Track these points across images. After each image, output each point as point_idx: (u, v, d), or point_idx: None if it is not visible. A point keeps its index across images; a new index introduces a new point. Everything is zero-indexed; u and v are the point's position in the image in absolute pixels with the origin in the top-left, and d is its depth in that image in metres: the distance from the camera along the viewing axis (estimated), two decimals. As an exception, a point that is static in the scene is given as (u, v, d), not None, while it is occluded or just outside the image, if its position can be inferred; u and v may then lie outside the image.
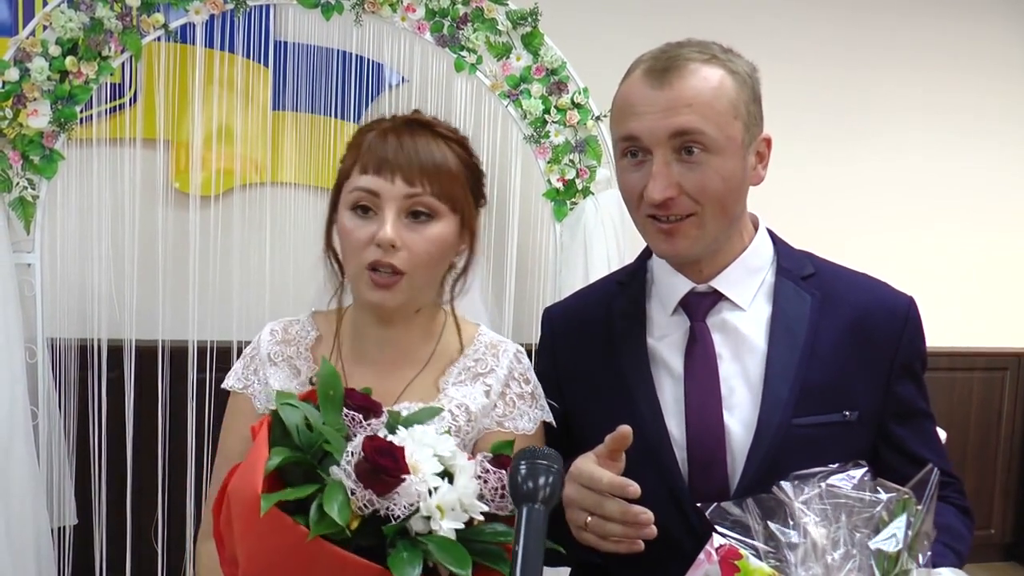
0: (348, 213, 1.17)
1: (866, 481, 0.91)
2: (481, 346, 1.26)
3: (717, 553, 0.90)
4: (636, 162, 1.14)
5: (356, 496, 0.90)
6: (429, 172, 1.15)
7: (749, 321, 1.19)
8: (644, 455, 1.15)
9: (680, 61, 1.11)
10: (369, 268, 1.15)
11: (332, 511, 0.87)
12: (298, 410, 0.97)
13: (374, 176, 1.14)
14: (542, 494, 0.83)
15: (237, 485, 0.96)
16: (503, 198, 2.91)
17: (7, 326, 2.45)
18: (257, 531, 0.93)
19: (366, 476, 0.89)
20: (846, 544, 0.87)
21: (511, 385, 1.24)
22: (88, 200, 2.72)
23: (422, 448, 0.96)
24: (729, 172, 1.12)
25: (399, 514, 0.90)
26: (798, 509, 0.89)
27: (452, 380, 1.22)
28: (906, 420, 1.20)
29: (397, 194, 1.14)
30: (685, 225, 1.13)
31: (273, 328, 1.31)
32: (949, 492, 1.22)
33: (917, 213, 3.81)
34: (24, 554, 2.47)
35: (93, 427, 2.72)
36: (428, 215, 1.16)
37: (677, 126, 1.09)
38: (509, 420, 1.22)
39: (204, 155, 2.86)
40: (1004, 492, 3.94)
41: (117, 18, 2.53)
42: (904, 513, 0.88)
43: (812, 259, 1.25)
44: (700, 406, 1.16)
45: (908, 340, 1.19)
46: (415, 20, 2.71)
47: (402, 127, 1.19)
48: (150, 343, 2.78)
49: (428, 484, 0.92)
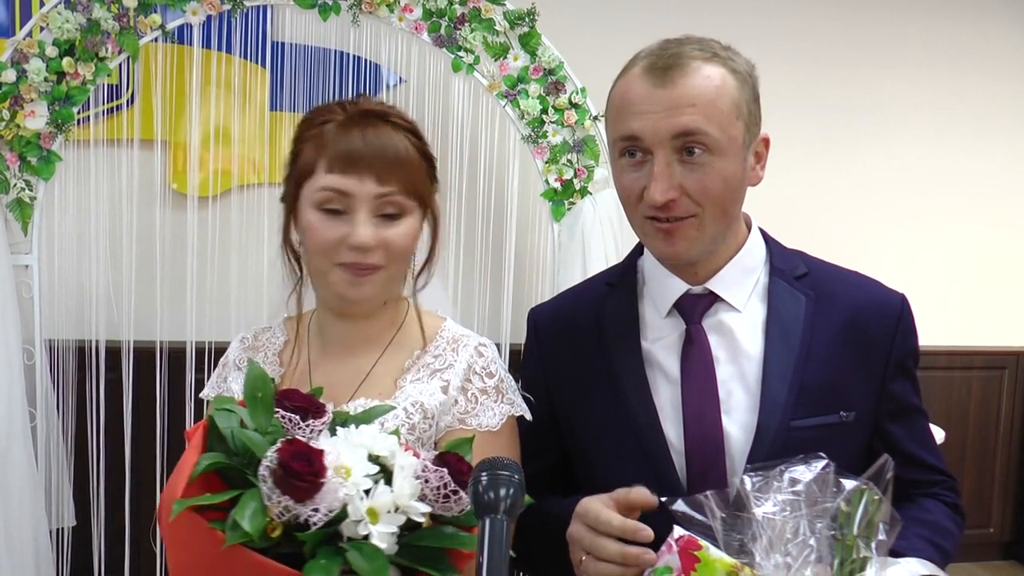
0: (314, 212, 1.14)
1: (826, 473, 0.92)
2: (443, 341, 1.23)
3: (677, 544, 0.91)
4: (635, 162, 1.11)
5: (272, 502, 0.86)
6: (396, 170, 1.14)
7: (744, 322, 1.17)
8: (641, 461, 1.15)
9: (683, 59, 1.08)
10: (341, 267, 1.14)
11: (243, 519, 0.84)
12: (234, 415, 0.95)
13: (342, 176, 1.12)
14: (503, 505, 0.82)
15: (165, 492, 0.93)
16: (501, 198, 2.92)
17: (5, 328, 2.45)
18: (179, 537, 0.91)
19: (281, 481, 0.85)
20: (805, 534, 0.88)
21: (472, 380, 1.20)
22: (86, 201, 2.73)
23: (355, 449, 0.92)
24: (730, 173, 1.10)
25: (317, 520, 0.86)
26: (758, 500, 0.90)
27: (410, 377, 1.19)
28: (900, 418, 1.19)
29: (368, 194, 1.12)
30: (684, 226, 1.10)
31: (244, 336, 1.32)
32: (940, 489, 1.21)
33: (916, 212, 3.81)
34: (23, 556, 2.47)
35: (91, 428, 2.72)
36: (398, 213, 1.15)
37: (681, 127, 1.06)
38: (471, 417, 1.18)
39: (202, 156, 2.86)
40: (1003, 491, 3.94)
41: (114, 19, 2.53)
42: (862, 503, 0.89)
43: (804, 258, 1.24)
44: (698, 410, 1.14)
45: (902, 338, 1.18)
46: (412, 20, 2.71)
47: (360, 119, 1.16)
48: (148, 344, 2.78)
49: (358, 487, 0.88)
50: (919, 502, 1.19)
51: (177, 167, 2.96)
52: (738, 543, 0.91)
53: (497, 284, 2.92)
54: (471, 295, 2.96)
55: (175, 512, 0.85)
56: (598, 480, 1.20)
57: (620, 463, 1.17)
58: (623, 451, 1.17)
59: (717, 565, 0.89)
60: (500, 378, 1.22)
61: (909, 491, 1.18)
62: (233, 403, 0.97)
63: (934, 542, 1.11)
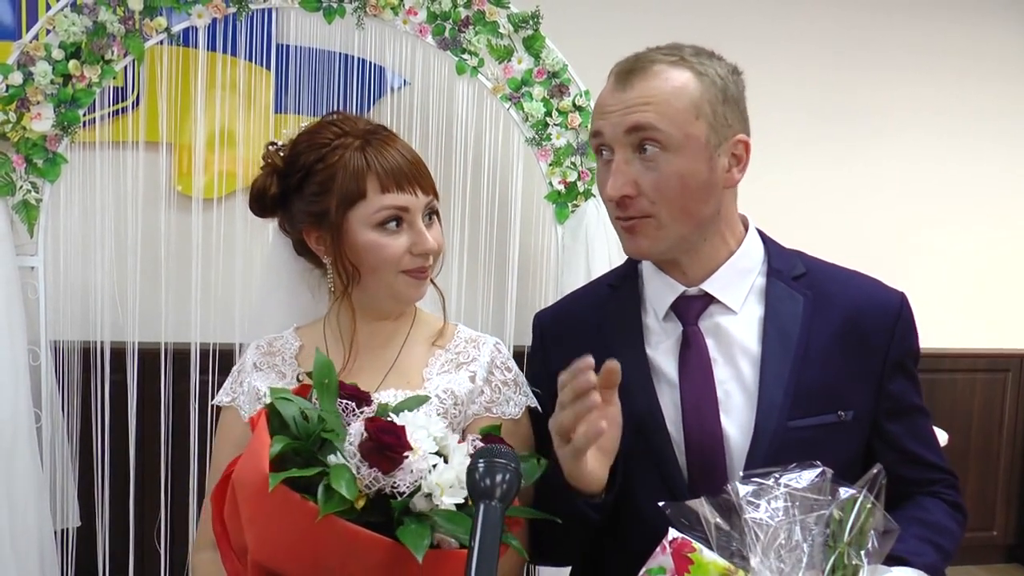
0: (372, 231, 1.21)
1: (820, 480, 0.93)
2: (461, 341, 1.31)
3: (671, 546, 0.92)
4: (604, 161, 1.16)
5: (362, 474, 0.94)
6: (429, 177, 1.26)
7: (741, 324, 1.18)
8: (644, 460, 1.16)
9: (645, 63, 1.13)
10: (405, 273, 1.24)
11: (340, 488, 0.91)
12: (293, 403, 1.01)
13: (400, 193, 1.21)
14: (499, 491, 0.86)
15: (242, 472, 0.99)
16: (505, 200, 2.92)
17: (10, 329, 2.46)
18: (266, 512, 0.96)
19: (371, 454, 0.94)
20: (798, 540, 0.89)
21: (494, 372, 1.28)
22: (91, 203, 2.73)
23: (418, 429, 1.00)
24: (688, 172, 1.11)
25: (403, 490, 0.94)
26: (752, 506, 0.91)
27: (436, 371, 1.27)
28: (900, 417, 1.19)
29: (421, 205, 1.23)
30: (643, 224, 1.14)
31: (258, 343, 1.37)
32: (940, 488, 1.22)
33: (919, 214, 3.81)
34: (28, 556, 2.48)
35: (96, 429, 2.73)
36: (434, 215, 1.28)
37: (632, 122, 1.11)
38: (496, 406, 1.25)
39: (206, 158, 2.87)
40: (1006, 494, 3.94)
41: (120, 22, 2.54)
42: (854, 510, 0.90)
43: (803, 258, 1.25)
44: (697, 411, 1.15)
45: (900, 337, 1.18)
46: (417, 23, 2.72)
47: (374, 137, 1.25)
48: (153, 345, 2.79)
49: (428, 462, 0.96)
50: (919, 501, 1.19)
51: (182, 169, 2.97)
52: (733, 547, 0.92)
53: (501, 286, 2.93)
54: (475, 297, 2.96)
55: (273, 484, 0.91)
56: None
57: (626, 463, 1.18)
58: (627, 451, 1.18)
59: (711, 568, 0.90)
60: (516, 372, 1.30)
61: (910, 489, 1.19)
62: (289, 393, 1.04)
63: (934, 542, 1.12)
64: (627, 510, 1.15)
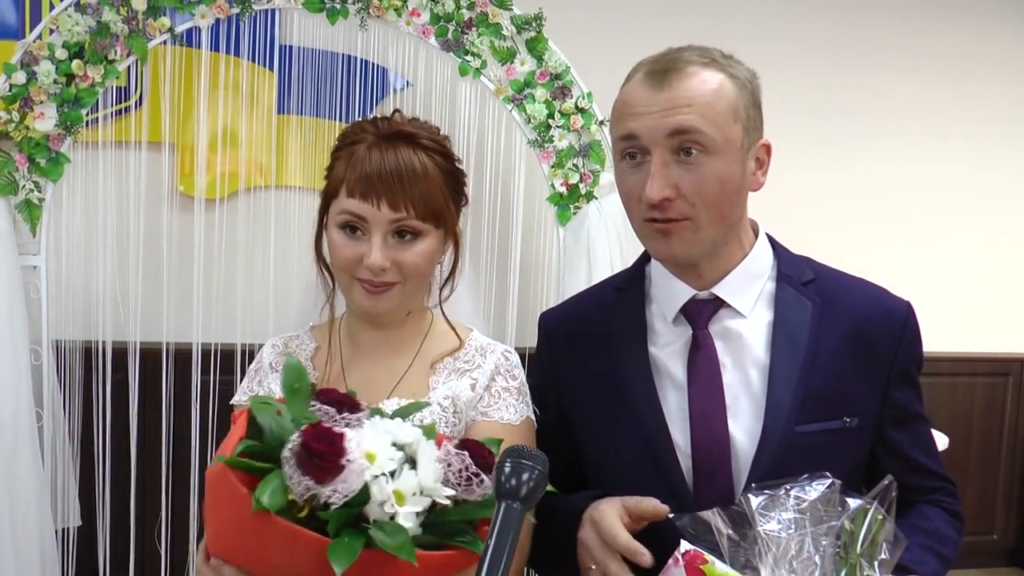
0: (337, 231, 1.22)
1: (830, 492, 0.93)
2: (471, 349, 1.30)
3: (683, 558, 0.92)
4: (635, 163, 1.14)
5: (293, 482, 0.89)
6: (413, 196, 1.19)
7: (751, 328, 1.18)
8: (648, 463, 1.16)
9: (680, 63, 1.12)
10: (359, 282, 1.22)
11: (264, 495, 0.87)
12: (271, 407, 0.99)
13: (360, 201, 1.18)
14: (523, 491, 0.85)
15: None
16: (507, 202, 2.92)
17: (12, 328, 2.46)
18: (215, 494, 0.96)
19: (302, 462, 0.89)
20: (810, 551, 0.90)
21: (496, 379, 1.27)
22: (93, 203, 2.74)
23: (380, 436, 0.96)
24: (727, 175, 1.11)
25: (335, 501, 0.89)
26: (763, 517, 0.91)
27: (443, 379, 1.26)
28: (903, 424, 1.20)
29: (383, 219, 1.18)
30: (680, 227, 1.12)
31: (274, 342, 1.37)
32: (941, 496, 1.23)
33: (920, 217, 3.81)
34: (28, 555, 2.48)
35: (97, 429, 2.73)
36: (413, 235, 1.21)
37: (676, 124, 1.09)
38: (494, 410, 1.25)
39: (209, 158, 2.87)
40: (1007, 497, 3.94)
41: (123, 22, 2.54)
42: (865, 522, 0.91)
43: (811, 264, 1.25)
44: (705, 415, 1.15)
45: (907, 346, 1.19)
46: (420, 24, 2.72)
47: (388, 140, 1.21)
48: (154, 345, 2.79)
49: (383, 469, 0.92)
50: (920, 509, 1.20)
51: (185, 169, 2.97)
52: (744, 559, 0.92)
53: (503, 288, 2.93)
54: (476, 299, 2.96)
55: (214, 463, 0.90)
56: (607, 483, 1.21)
57: (628, 466, 1.18)
58: (631, 455, 1.18)
59: None
60: (522, 382, 1.29)
61: (910, 497, 1.19)
62: (271, 399, 1.02)
63: (935, 551, 1.13)
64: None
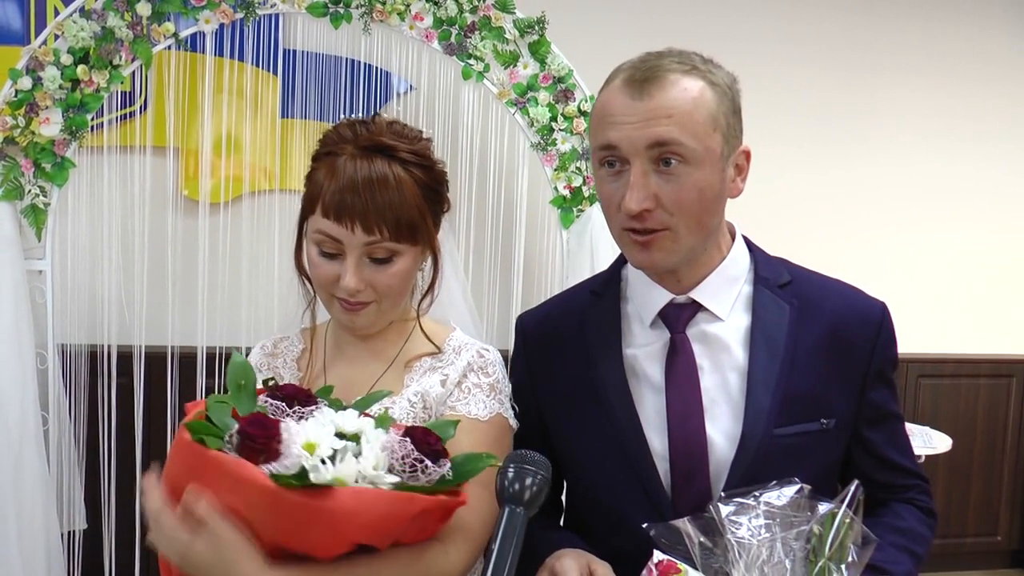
0: (313, 248, 1.20)
1: (799, 497, 0.94)
2: (449, 349, 1.28)
3: (657, 568, 0.93)
4: (614, 172, 1.12)
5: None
6: (386, 216, 1.16)
7: (728, 331, 1.18)
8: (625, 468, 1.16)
9: (660, 72, 1.10)
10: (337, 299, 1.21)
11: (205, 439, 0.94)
12: (227, 406, 1.01)
13: (335, 223, 1.15)
14: (526, 495, 0.86)
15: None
16: (510, 205, 2.93)
17: (18, 332, 2.48)
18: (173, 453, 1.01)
19: (239, 447, 0.93)
20: (780, 556, 0.91)
21: (468, 376, 1.25)
22: (99, 207, 2.75)
23: (323, 426, 0.98)
24: (706, 184, 1.10)
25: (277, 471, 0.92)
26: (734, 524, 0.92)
27: (416, 377, 1.26)
28: (878, 424, 1.21)
29: (357, 243, 1.16)
30: (659, 238, 1.11)
31: (264, 344, 1.39)
32: (914, 494, 1.23)
33: (920, 217, 3.81)
34: (34, 559, 2.49)
35: (103, 432, 2.74)
36: (388, 256, 1.19)
37: (656, 136, 1.08)
38: (461, 404, 1.22)
39: (213, 162, 2.89)
40: (1010, 499, 3.94)
41: (128, 27, 2.55)
42: (834, 525, 0.92)
43: (787, 266, 1.25)
44: (683, 418, 1.15)
45: (882, 347, 1.19)
46: (423, 28, 2.73)
47: (363, 154, 1.18)
48: (159, 349, 2.80)
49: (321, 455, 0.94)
50: (893, 508, 1.21)
51: (189, 173, 2.99)
52: (716, 565, 0.93)
53: (506, 290, 2.94)
54: (480, 301, 2.97)
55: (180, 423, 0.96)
56: (584, 485, 1.23)
57: (605, 470, 1.18)
58: (607, 458, 1.18)
59: None
60: (496, 379, 1.26)
61: (884, 495, 1.21)
62: (227, 399, 1.04)
63: (909, 549, 1.15)
64: (611, 519, 1.16)
